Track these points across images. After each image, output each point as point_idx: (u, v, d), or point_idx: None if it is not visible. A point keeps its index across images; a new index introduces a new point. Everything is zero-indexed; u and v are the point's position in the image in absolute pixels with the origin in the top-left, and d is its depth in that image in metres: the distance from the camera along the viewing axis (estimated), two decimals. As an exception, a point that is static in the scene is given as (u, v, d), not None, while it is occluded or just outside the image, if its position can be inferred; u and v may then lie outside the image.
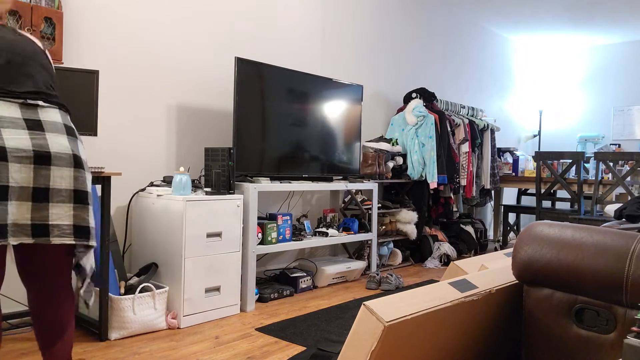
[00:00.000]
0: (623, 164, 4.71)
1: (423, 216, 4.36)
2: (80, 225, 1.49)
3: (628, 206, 2.30)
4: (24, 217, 1.40)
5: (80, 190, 1.50)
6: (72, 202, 1.48)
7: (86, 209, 1.51)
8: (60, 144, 1.47)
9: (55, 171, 1.44)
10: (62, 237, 1.45)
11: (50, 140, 1.45)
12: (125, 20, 2.86)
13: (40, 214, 1.42)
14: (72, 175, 1.48)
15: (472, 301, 1.20)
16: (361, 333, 1.04)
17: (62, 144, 1.47)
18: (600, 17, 5.63)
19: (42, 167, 1.42)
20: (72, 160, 1.48)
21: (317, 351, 2.20)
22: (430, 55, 5.17)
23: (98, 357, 2.12)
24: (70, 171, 1.47)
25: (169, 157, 3.08)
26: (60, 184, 1.45)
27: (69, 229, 1.47)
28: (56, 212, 1.45)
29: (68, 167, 1.47)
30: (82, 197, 1.50)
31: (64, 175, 1.46)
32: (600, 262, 1.16)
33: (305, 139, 3.42)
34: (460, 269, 1.66)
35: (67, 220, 1.46)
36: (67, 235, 1.46)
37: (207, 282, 2.64)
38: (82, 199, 1.50)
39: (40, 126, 1.45)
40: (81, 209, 1.50)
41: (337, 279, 3.57)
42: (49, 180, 1.43)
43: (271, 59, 3.64)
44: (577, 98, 6.93)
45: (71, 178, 1.48)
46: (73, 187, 1.48)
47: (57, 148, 1.45)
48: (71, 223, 1.47)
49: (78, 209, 1.49)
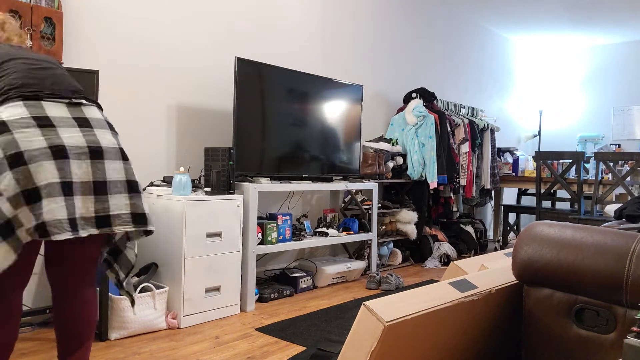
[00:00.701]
0: (623, 164, 4.71)
1: (423, 216, 4.36)
2: (137, 213, 1.58)
3: (628, 206, 2.30)
4: (88, 210, 1.47)
5: (131, 181, 1.58)
6: (127, 192, 1.56)
7: (139, 197, 1.60)
8: (108, 139, 1.55)
9: (109, 164, 1.52)
10: (123, 225, 1.53)
11: (99, 136, 1.53)
12: (125, 20, 2.86)
13: (102, 205, 1.50)
14: (122, 167, 1.56)
15: (472, 301, 1.20)
16: (361, 333, 1.04)
17: (110, 139, 1.55)
18: (600, 17, 5.63)
19: (98, 162, 1.50)
20: (119, 153, 1.57)
21: (317, 351, 2.20)
22: (430, 55, 5.17)
23: (98, 357, 2.12)
24: (120, 163, 1.56)
25: (169, 157, 3.08)
26: (114, 176, 1.53)
27: (127, 217, 1.55)
28: (115, 202, 1.53)
29: (118, 160, 1.55)
30: (134, 186, 1.59)
31: (116, 167, 1.54)
32: (600, 262, 1.16)
33: (305, 139, 3.42)
34: (460, 269, 1.66)
35: (126, 209, 1.55)
36: (127, 224, 1.55)
37: (207, 282, 2.64)
38: (135, 189, 1.59)
39: (88, 123, 1.53)
40: (136, 197, 1.58)
41: (337, 279, 3.57)
42: (105, 174, 1.51)
43: (271, 59, 3.64)
44: (577, 98, 6.93)
45: (122, 170, 1.56)
46: (125, 177, 1.56)
47: (106, 143, 1.53)
48: (129, 212, 1.56)
49: (133, 197, 1.58)
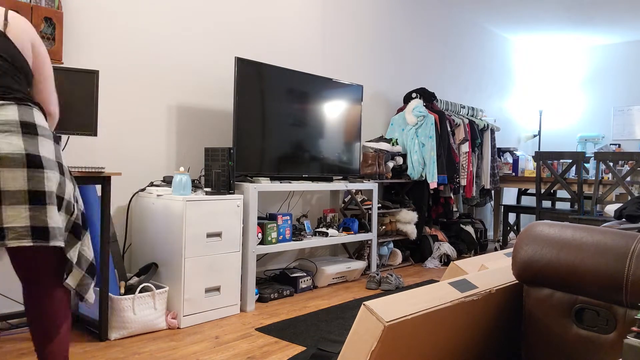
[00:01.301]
0: (623, 164, 4.71)
1: (423, 216, 4.36)
2: (38, 226, 1.44)
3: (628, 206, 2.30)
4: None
5: (37, 191, 1.44)
6: (28, 203, 1.43)
7: (44, 209, 1.45)
8: (11, 144, 1.41)
9: (6, 173, 1.39)
10: (18, 240, 1.41)
11: (1, 140, 1.40)
12: (125, 20, 2.86)
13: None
14: (25, 175, 1.42)
15: (472, 301, 1.20)
16: (361, 333, 1.04)
17: (14, 144, 1.41)
18: (600, 17, 5.63)
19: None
20: (24, 160, 1.42)
21: (317, 351, 2.20)
22: (430, 55, 5.17)
23: (98, 357, 2.12)
24: (23, 172, 1.42)
25: (169, 157, 3.08)
26: (12, 185, 1.40)
27: (25, 231, 1.42)
28: (10, 214, 1.40)
29: (20, 168, 1.42)
30: (39, 197, 1.45)
31: (16, 176, 1.41)
32: (600, 262, 1.16)
33: (305, 139, 3.42)
34: (460, 269, 1.66)
35: (23, 222, 1.41)
36: (23, 237, 1.41)
37: (207, 282, 2.64)
38: (40, 200, 1.45)
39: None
40: (39, 209, 1.44)
41: (337, 279, 3.57)
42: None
43: (271, 59, 3.64)
44: (577, 98, 6.93)
45: (25, 179, 1.42)
46: (27, 187, 1.43)
47: (7, 149, 1.40)
48: (28, 225, 1.42)
49: (35, 209, 1.44)
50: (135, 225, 2.83)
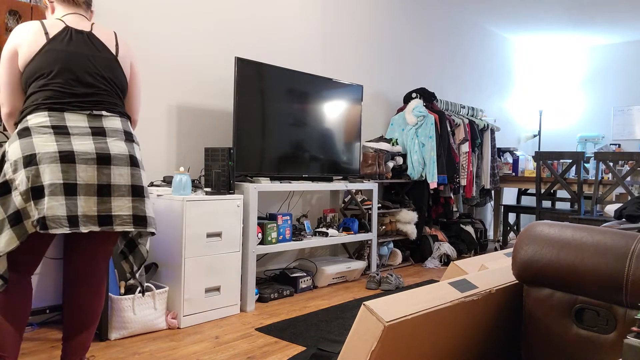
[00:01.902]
0: (623, 164, 4.72)
1: (423, 216, 4.36)
2: (139, 215, 1.72)
3: (628, 206, 2.30)
4: (91, 209, 1.63)
5: (137, 186, 1.73)
6: (131, 195, 1.71)
7: (143, 201, 1.74)
8: (119, 147, 1.71)
9: (115, 170, 1.68)
10: (123, 225, 1.68)
11: (110, 144, 1.70)
12: (125, 20, 2.86)
13: (104, 206, 1.66)
14: (129, 172, 1.71)
15: (472, 301, 1.20)
16: (361, 333, 1.04)
17: (121, 147, 1.72)
18: (600, 17, 5.63)
19: (104, 167, 1.66)
20: (128, 160, 1.72)
21: (317, 351, 2.20)
22: (430, 55, 5.17)
23: (98, 357, 2.12)
24: (127, 169, 1.71)
25: (169, 157, 3.08)
26: (119, 180, 1.69)
27: (128, 218, 1.70)
28: (117, 204, 1.68)
29: (125, 166, 1.71)
30: (138, 191, 1.73)
31: (122, 173, 1.70)
32: (600, 262, 1.16)
33: (305, 139, 3.42)
34: (460, 269, 1.66)
35: (127, 211, 1.70)
36: (127, 224, 1.69)
37: (207, 282, 2.64)
38: (139, 193, 1.73)
39: (103, 132, 1.70)
40: (138, 201, 1.73)
41: (337, 279, 3.57)
42: (110, 178, 1.67)
43: (271, 59, 3.64)
44: (577, 98, 6.93)
45: (129, 175, 1.71)
46: (130, 182, 1.71)
47: (116, 150, 1.70)
48: (131, 213, 1.70)
49: (136, 201, 1.72)
50: (135, 225, 2.83)
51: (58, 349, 2.19)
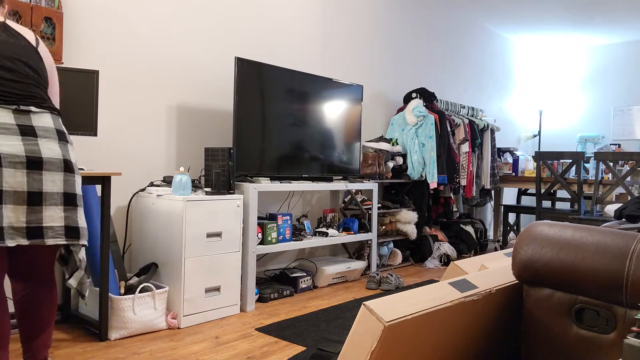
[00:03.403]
0: (623, 164, 4.71)
1: (423, 216, 4.36)
2: (71, 226, 1.58)
3: (628, 206, 2.30)
4: (19, 220, 1.47)
5: (69, 193, 1.58)
6: (63, 204, 1.56)
7: (75, 211, 1.59)
8: (52, 149, 1.54)
9: (47, 175, 1.52)
10: (55, 238, 1.54)
11: (42, 146, 1.52)
12: (126, 20, 2.86)
13: (35, 216, 1.49)
14: (62, 179, 1.55)
15: (472, 301, 1.20)
16: (361, 333, 1.04)
17: (54, 150, 1.54)
18: (600, 17, 5.63)
19: (35, 172, 1.49)
20: (62, 165, 1.56)
21: (317, 351, 2.20)
22: (430, 55, 5.17)
23: (98, 357, 2.12)
24: (60, 175, 1.55)
25: (169, 157, 3.08)
26: (52, 187, 1.53)
27: (61, 230, 1.55)
28: (49, 214, 1.52)
29: (59, 172, 1.55)
30: (71, 199, 1.58)
31: (55, 179, 1.53)
32: (600, 262, 1.16)
33: (305, 139, 3.42)
34: (460, 269, 1.66)
35: (59, 222, 1.55)
36: (59, 236, 1.55)
37: (207, 282, 2.64)
38: (72, 201, 1.58)
39: (33, 132, 1.51)
40: (71, 210, 1.58)
41: (337, 279, 3.57)
42: (42, 184, 1.50)
43: (271, 59, 3.64)
44: (577, 98, 6.93)
45: (62, 182, 1.55)
46: (63, 190, 1.56)
47: (48, 154, 1.52)
48: (63, 224, 1.55)
49: (68, 210, 1.57)
50: (135, 226, 2.83)
51: (58, 349, 2.20)
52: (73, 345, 2.25)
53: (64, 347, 2.22)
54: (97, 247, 2.41)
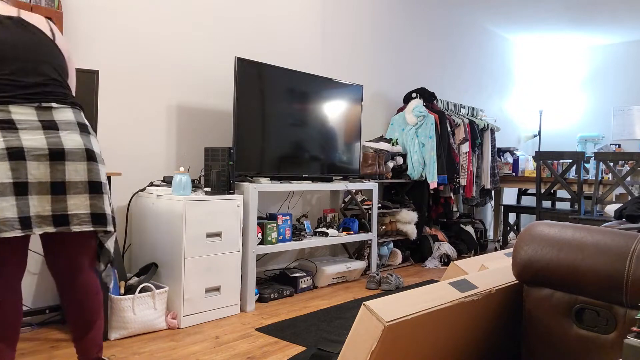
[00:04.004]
0: (623, 164, 4.71)
1: (423, 216, 4.36)
2: (97, 213, 1.62)
3: (628, 206, 2.30)
4: (45, 209, 1.53)
5: (94, 182, 1.62)
6: (88, 192, 1.61)
7: (101, 198, 1.64)
8: (74, 140, 1.59)
9: (70, 165, 1.57)
10: (81, 225, 1.59)
11: (63, 138, 1.57)
12: (125, 20, 2.86)
13: (59, 205, 1.55)
14: (86, 168, 1.60)
15: (472, 301, 1.20)
16: (361, 333, 1.04)
17: (76, 140, 1.60)
18: (600, 17, 5.63)
19: (58, 163, 1.55)
20: (85, 154, 1.61)
21: (317, 351, 2.20)
22: (430, 55, 5.17)
23: (98, 357, 2.12)
24: (84, 164, 1.60)
25: (169, 157, 3.08)
26: (75, 177, 1.58)
27: (86, 217, 1.60)
28: (74, 202, 1.58)
29: (82, 161, 1.60)
30: (96, 187, 1.63)
31: (78, 168, 1.59)
32: (600, 262, 1.16)
33: (305, 139, 3.42)
34: (460, 269, 1.66)
35: (85, 209, 1.59)
36: (85, 223, 1.60)
37: (207, 282, 2.64)
38: (97, 189, 1.63)
39: (54, 126, 1.58)
40: (97, 198, 1.62)
41: (337, 279, 3.57)
42: (64, 174, 1.56)
43: (271, 59, 3.64)
44: (577, 98, 6.93)
45: (85, 171, 1.60)
46: (87, 178, 1.61)
47: (70, 145, 1.58)
48: (88, 212, 1.60)
49: (94, 198, 1.62)
50: (135, 225, 2.83)
51: (58, 349, 2.20)
52: (73, 345, 2.25)
53: (64, 347, 2.22)
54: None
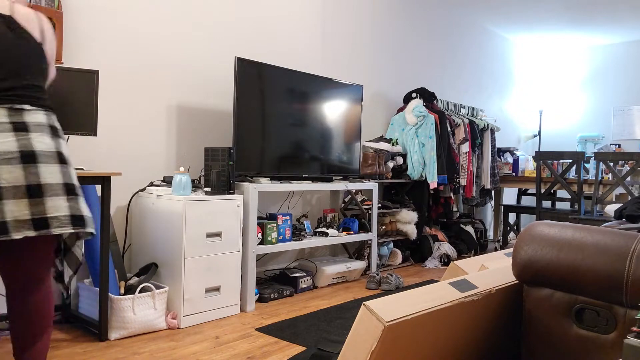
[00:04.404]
0: (623, 164, 4.71)
1: (423, 216, 4.36)
2: (76, 215, 1.59)
3: (628, 206, 2.30)
4: (23, 212, 1.48)
5: (69, 184, 1.60)
6: (65, 194, 1.58)
7: (77, 199, 1.61)
8: (45, 142, 1.57)
9: (43, 168, 1.54)
10: (61, 227, 1.54)
11: (34, 140, 1.54)
12: (125, 20, 2.86)
13: (37, 208, 1.51)
14: (59, 170, 1.58)
15: (472, 301, 1.20)
16: (361, 333, 1.04)
17: (47, 143, 1.57)
18: (600, 17, 5.63)
19: (30, 165, 1.51)
20: (57, 157, 1.58)
21: (317, 351, 2.19)
22: (430, 55, 5.17)
23: (98, 357, 2.12)
24: (57, 167, 1.58)
25: (169, 157, 3.08)
26: (50, 179, 1.55)
27: (66, 219, 1.56)
28: (52, 205, 1.53)
29: (55, 164, 1.57)
30: (72, 189, 1.60)
31: (52, 171, 1.56)
32: (600, 262, 1.16)
33: (305, 139, 3.42)
34: (460, 269, 1.66)
35: (64, 212, 1.56)
36: (65, 225, 1.55)
37: (207, 282, 2.64)
38: (73, 191, 1.61)
39: (25, 128, 1.54)
40: (74, 200, 1.60)
41: (337, 279, 3.57)
42: (39, 177, 1.52)
43: (271, 59, 3.64)
44: (577, 98, 6.93)
45: (60, 173, 1.58)
46: (62, 180, 1.58)
47: (41, 147, 1.55)
48: (68, 214, 1.57)
49: (71, 200, 1.59)
50: (135, 225, 2.83)
51: (58, 349, 2.20)
52: (73, 345, 2.25)
53: (64, 347, 2.22)
54: (97, 247, 2.41)
